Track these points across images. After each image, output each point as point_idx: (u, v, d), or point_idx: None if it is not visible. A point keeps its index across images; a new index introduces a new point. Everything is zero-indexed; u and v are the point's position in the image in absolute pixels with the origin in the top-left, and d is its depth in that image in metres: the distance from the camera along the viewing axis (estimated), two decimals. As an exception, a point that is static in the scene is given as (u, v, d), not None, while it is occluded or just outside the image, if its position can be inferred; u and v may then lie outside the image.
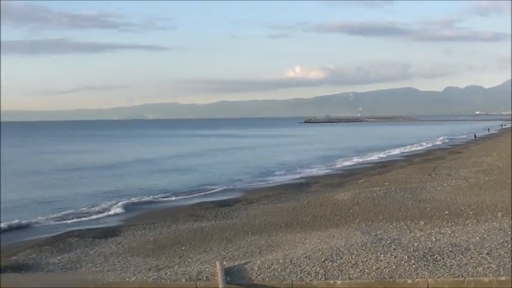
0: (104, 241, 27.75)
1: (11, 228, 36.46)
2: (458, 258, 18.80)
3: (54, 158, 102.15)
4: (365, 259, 18.66)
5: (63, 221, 38.79)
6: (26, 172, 75.25)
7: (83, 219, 39.80)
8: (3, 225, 36.86)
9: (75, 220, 39.33)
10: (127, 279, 18.33)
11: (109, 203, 47.36)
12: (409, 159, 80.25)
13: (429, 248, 19.88)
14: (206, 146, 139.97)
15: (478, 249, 19.69)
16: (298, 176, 64.76)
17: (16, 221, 38.99)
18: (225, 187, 56.92)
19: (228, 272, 17.38)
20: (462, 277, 16.89)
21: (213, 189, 55.67)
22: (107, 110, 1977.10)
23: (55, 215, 41.39)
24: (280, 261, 18.75)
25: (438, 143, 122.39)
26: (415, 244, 20.52)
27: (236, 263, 18.95)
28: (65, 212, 42.79)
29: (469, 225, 24.74)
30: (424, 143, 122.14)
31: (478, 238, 21.33)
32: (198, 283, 17.21)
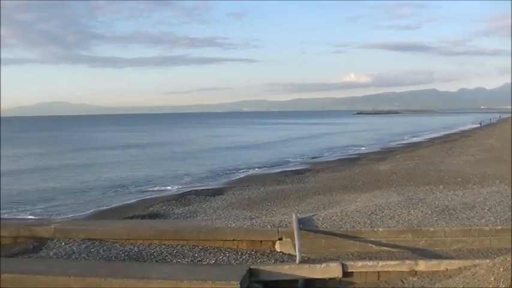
0: (213, 198, 27.89)
1: (153, 191, 37.29)
2: (467, 212, 18.52)
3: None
4: (399, 213, 18.47)
5: (186, 185, 39.38)
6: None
7: (201, 183, 40.38)
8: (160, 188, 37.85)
9: (195, 184, 39.93)
10: (229, 225, 18.40)
11: (218, 172, 47.95)
12: (432, 140, 79.21)
13: (446, 205, 19.61)
14: (286, 131, 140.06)
15: (481, 206, 19.37)
16: (352, 153, 64.49)
17: (152, 184, 40.03)
18: (300, 160, 57.04)
19: (300, 221, 17.33)
20: (469, 226, 16.68)
21: (291, 162, 55.83)
22: (215, 105, 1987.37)
23: (183, 181, 42.29)
24: (338, 214, 18.65)
25: (454, 129, 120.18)
26: (436, 202, 20.25)
27: (307, 215, 18.89)
28: (189, 179, 43.67)
29: (475, 189, 24.29)
30: (442, 130, 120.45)
31: (481, 198, 20.96)
32: (279, 229, 17.20)
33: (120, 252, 16.71)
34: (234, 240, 17.37)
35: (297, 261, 14.69)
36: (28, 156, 69.46)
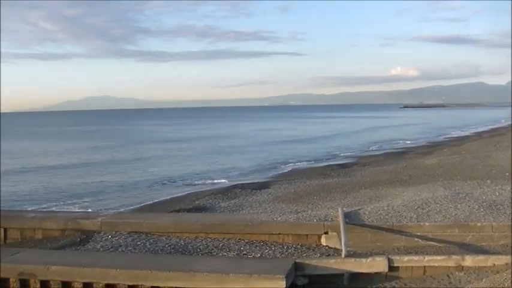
0: (259, 192, 27.88)
1: (199, 184, 37.50)
2: (515, 208, 18.21)
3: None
4: (446, 207, 18.19)
5: (233, 179, 39.51)
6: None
7: (247, 177, 40.47)
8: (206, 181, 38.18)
9: (241, 177, 40.06)
10: (274, 218, 18.36)
11: (264, 166, 48.03)
12: (479, 134, 78.22)
13: (493, 200, 19.23)
14: (333, 125, 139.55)
15: (530, 202, 19.04)
16: (399, 146, 63.99)
17: (199, 177, 40.29)
18: (346, 154, 56.83)
19: (346, 215, 17.22)
20: (517, 222, 16.39)
21: (337, 156, 55.66)
22: (261, 99, 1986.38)
23: (229, 174, 42.48)
24: (385, 208, 18.46)
25: (502, 123, 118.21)
26: (483, 197, 19.88)
27: (353, 209, 18.75)
28: (235, 172, 43.84)
29: (524, 184, 23.88)
30: (490, 123, 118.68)
31: (531, 193, 20.59)
32: (325, 223, 17.12)
33: (166, 245, 16.80)
34: (279, 234, 17.33)
35: (343, 255, 14.60)
36: (76, 150, 70.39)
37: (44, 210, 27.19)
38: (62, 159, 57.69)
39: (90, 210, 27.14)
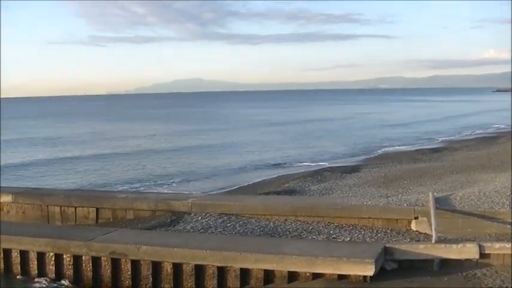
0: (349, 175, 27.69)
1: (289, 167, 37.56)
2: None
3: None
4: (541, 193, 17.64)
5: (322, 162, 39.39)
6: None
7: (337, 160, 40.35)
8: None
9: (331, 161, 39.93)
10: (364, 202, 18.21)
11: (354, 150, 47.77)
12: None
13: None
14: (423, 109, 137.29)
15: None
16: (491, 131, 62.46)
17: (289, 160, 40.35)
18: (437, 138, 55.93)
19: (437, 200, 16.90)
20: None
21: (427, 139, 54.88)
22: (351, 82, 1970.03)
23: (319, 158, 42.40)
24: (476, 193, 18.02)
25: None
26: None
27: (443, 194, 18.40)
28: (325, 155, 43.75)
29: None
30: None
31: None
32: (415, 208, 16.86)
33: (256, 228, 16.88)
34: (369, 218, 17.17)
35: (433, 241, 14.32)
36: (167, 132, 71.49)
37: (135, 191, 27.70)
38: (153, 142, 58.69)
39: (180, 191, 27.41)
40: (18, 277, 15.55)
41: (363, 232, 16.29)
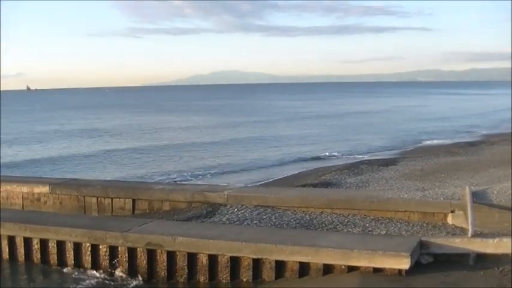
0: (385, 168, 27.53)
1: (325, 160, 37.58)
2: None
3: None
4: None
5: (359, 154, 39.33)
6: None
7: (374, 153, 40.23)
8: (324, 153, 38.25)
9: (368, 153, 39.84)
10: (400, 195, 18.13)
11: (391, 143, 47.56)
12: None
13: None
14: (462, 102, 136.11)
15: None
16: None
17: (327, 153, 40.35)
18: (474, 132, 55.47)
19: (474, 194, 16.72)
20: None
21: (465, 133, 54.42)
22: (389, 74, 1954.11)
23: (356, 150, 42.34)
24: (514, 188, 17.86)
25: None
26: None
27: (480, 188, 18.21)
28: (362, 148, 43.65)
29: None
30: None
31: None
32: (452, 201, 16.75)
33: (292, 220, 16.89)
34: (405, 211, 17.09)
35: (469, 235, 14.20)
36: (204, 125, 71.73)
37: (172, 182, 27.82)
38: (189, 134, 58.99)
39: (216, 183, 27.39)
40: (53, 267, 15.83)
41: (398, 225, 16.22)
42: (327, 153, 40.85)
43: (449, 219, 16.47)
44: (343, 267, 13.32)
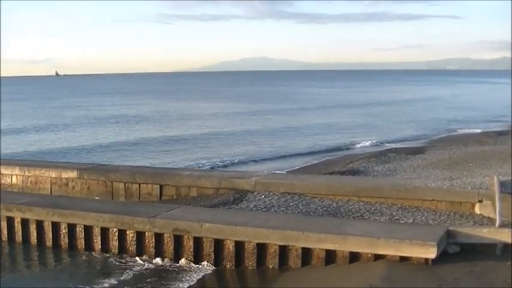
0: (413, 157, 27.44)
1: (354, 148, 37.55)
2: None
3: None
4: None
5: (387, 143, 39.18)
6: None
7: (402, 141, 40.04)
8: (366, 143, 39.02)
9: (396, 142, 39.70)
10: (428, 184, 18.04)
11: (419, 131, 47.27)
12: None
13: None
14: (492, 91, 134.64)
15: None
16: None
17: (355, 141, 40.27)
18: (502, 121, 54.86)
19: (502, 184, 16.58)
20: None
21: (493, 122, 53.94)
22: (419, 62, 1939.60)
23: (384, 138, 42.17)
24: (543, 178, 17.71)
25: None
26: None
27: (509, 178, 18.10)
28: (390, 136, 43.43)
29: None
30: None
31: None
32: (480, 191, 16.66)
33: (319, 207, 16.88)
34: (433, 200, 17.04)
35: (497, 225, 14.09)
36: (233, 111, 71.54)
37: (200, 169, 27.91)
38: (218, 121, 58.96)
39: (243, 170, 27.37)
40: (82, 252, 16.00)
41: (426, 214, 16.15)
42: (355, 142, 40.67)
43: (477, 209, 16.37)
44: (369, 255, 13.31)
